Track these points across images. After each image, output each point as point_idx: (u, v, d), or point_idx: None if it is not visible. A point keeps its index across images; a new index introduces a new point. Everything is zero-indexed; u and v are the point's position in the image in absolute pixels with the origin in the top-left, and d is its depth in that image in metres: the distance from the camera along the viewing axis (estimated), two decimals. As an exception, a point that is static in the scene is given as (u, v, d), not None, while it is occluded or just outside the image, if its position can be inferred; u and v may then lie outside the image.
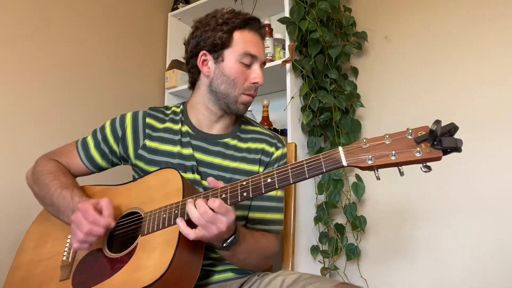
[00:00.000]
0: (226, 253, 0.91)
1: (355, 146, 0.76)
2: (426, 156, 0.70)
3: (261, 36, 1.08)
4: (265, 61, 1.10)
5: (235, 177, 1.05)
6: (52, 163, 1.07)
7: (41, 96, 1.64)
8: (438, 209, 1.56)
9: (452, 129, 0.69)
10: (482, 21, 1.57)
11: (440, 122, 0.69)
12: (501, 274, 1.41)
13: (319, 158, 0.78)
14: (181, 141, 1.06)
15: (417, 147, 0.71)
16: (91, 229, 0.86)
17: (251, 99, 1.08)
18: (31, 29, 1.63)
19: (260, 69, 1.07)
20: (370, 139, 0.75)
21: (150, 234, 0.88)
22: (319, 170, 0.77)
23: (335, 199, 1.63)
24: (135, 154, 1.06)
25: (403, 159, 0.71)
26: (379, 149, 0.73)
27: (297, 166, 0.80)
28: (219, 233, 0.82)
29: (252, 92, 1.07)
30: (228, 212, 0.82)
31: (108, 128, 1.09)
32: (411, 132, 0.73)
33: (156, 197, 0.94)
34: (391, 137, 0.74)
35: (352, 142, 1.66)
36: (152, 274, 0.80)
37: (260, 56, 1.06)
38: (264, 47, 1.10)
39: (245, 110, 1.09)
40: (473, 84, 1.56)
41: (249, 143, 1.11)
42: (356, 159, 0.74)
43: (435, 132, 0.68)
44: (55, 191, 0.98)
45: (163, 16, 2.25)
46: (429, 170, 0.70)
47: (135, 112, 1.10)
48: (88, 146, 1.09)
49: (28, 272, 0.99)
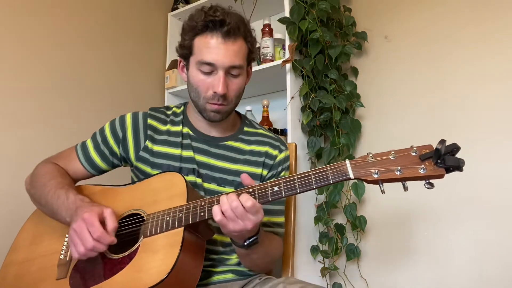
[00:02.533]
0: (243, 251, 0.92)
1: (362, 160, 0.79)
2: (430, 174, 0.74)
3: (226, 37, 0.96)
4: (235, 65, 0.97)
5: (237, 179, 1.04)
6: (50, 165, 1.07)
7: (40, 97, 1.63)
8: (438, 208, 1.56)
9: (455, 149, 0.73)
10: (482, 21, 1.57)
11: (445, 141, 0.72)
12: (502, 276, 1.40)
13: (326, 169, 0.80)
14: (182, 143, 1.06)
15: (421, 164, 0.75)
16: (95, 246, 0.85)
17: (218, 108, 0.99)
18: (31, 29, 1.63)
19: (223, 77, 0.96)
20: (376, 154, 0.78)
21: (153, 236, 0.88)
22: (326, 181, 0.79)
23: (335, 199, 1.63)
24: (136, 156, 1.06)
25: (407, 175, 0.75)
26: (385, 164, 0.77)
27: (304, 177, 0.81)
28: (244, 230, 0.83)
29: (216, 101, 0.98)
30: (258, 212, 0.82)
31: (108, 129, 1.08)
32: (415, 149, 0.77)
33: (159, 199, 0.94)
34: (396, 153, 0.78)
35: (352, 142, 1.67)
36: (155, 276, 0.80)
37: (218, 62, 0.95)
38: (231, 49, 0.96)
39: (218, 117, 1.01)
40: (473, 84, 1.56)
41: (252, 145, 1.10)
42: (363, 172, 0.77)
43: (440, 151, 0.72)
44: (50, 190, 0.97)
45: (163, 16, 2.25)
46: (431, 187, 0.74)
47: (135, 113, 1.09)
48: (87, 149, 1.08)
49: (22, 269, 0.98)
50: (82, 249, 0.85)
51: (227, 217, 0.82)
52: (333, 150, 1.66)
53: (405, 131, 1.68)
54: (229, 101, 1.01)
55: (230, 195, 0.83)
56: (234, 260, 1.04)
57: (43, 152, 1.14)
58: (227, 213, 0.81)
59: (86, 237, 0.85)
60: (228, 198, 0.82)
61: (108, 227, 0.87)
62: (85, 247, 0.85)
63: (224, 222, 0.82)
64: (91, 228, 0.85)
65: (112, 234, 0.87)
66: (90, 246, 0.84)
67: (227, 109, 1.02)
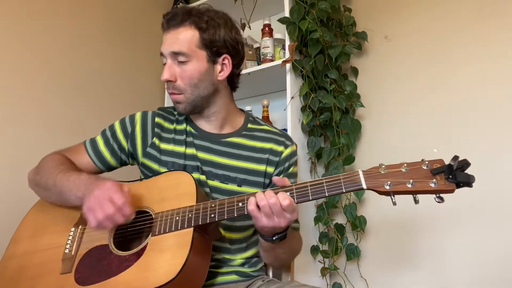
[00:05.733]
0: (268, 245, 0.93)
1: (374, 171, 0.81)
2: (441, 188, 0.76)
3: (169, 27, 1.01)
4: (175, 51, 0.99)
5: (240, 176, 1.04)
6: (58, 155, 1.06)
7: (40, 96, 1.63)
8: (438, 208, 1.55)
9: (465, 165, 0.75)
10: (482, 21, 1.57)
11: (458, 157, 0.74)
12: (503, 278, 1.40)
13: (339, 179, 0.82)
14: (185, 141, 1.06)
15: (433, 178, 0.77)
16: (114, 214, 0.84)
17: (175, 98, 1.03)
18: (31, 29, 1.63)
19: (167, 64, 1.01)
20: (388, 166, 0.80)
21: (161, 235, 0.88)
22: (339, 190, 0.82)
23: (335, 199, 1.63)
24: (143, 152, 1.06)
25: (419, 188, 0.77)
26: (397, 176, 0.79)
27: (316, 184, 0.83)
28: (277, 226, 0.84)
29: (170, 90, 1.03)
30: (294, 211, 0.84)
31: (118, 125, 1.10)
32: (427, 163, 0.78)
33: (167, 198, 0.94)
34: (408, 166, 0.79)
35: (352, 142, 1.67)
36: (163, 276, 0.80)
37: (163, 51, 1.01)
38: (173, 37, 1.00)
39: (181, 108, 1.04)
40: (473, 84, 1.56)
41: (256, 142, 1.09)
42: (375, 183, 0.79)
43: (453, 167, 0.74)
44: (60, 172, 0.96)
45: (163, 16, 2.25)
46: (442, 201, 0.76)
47: (145, 112, 1.11)
48: (96, 143, 1.09)
49: (22, 262, 0.97)
50: (100, 216, 0.83)
51: (264, 212, 0.83)
52: (333, 150, 1.66)
53: (405, 131, 1.68)
54: (182, 90, 1.01)
55: (268, 191, 0.84)
56: (238, 261, 1.04)
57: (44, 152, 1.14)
58: (265, 209, 0.82)
59: (107, 203, 0.84)
60: (266, 194, 0.83)
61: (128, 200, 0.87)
62: (105, 214, 0.83)
63: (258, 216, 0.83)
64: (115, 195, 0.85)
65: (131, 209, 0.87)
66: (111, 212, 0.83)
67: (184, 99, 1.02)
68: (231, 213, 0.87)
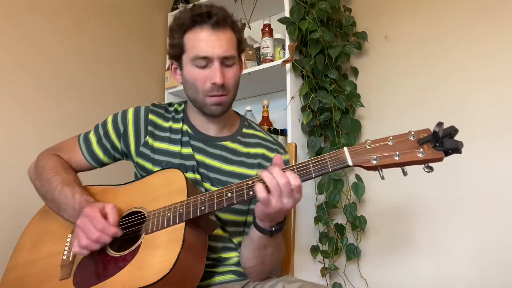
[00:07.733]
0: (262, 242, 0.91)
1: (360, 147, 0.78)
2: (429, 157, 0.73)
3: (215, 28, 0.96)
4: (228, 55, 0.97)
5: (230, 180, 1.03)
6: (54, 158, 1.07)
7: (40, 95, 1.64)
8: (438, 209, 1.56)
9: (453, 131, 0.72)
10: (482, 21, 1.57)
11: (443, 124, 0.71)
12: (501, 273, 1.41)
13: (325, 158, 0.79)
14: (181, 141, 1.06)
15: (420, 148, 0.74)
16: (99, 237, 0.86)
17: (219, 99, 0.99)
18: (31, 29, 1.63)
19: (219, 67, 0.96)
20: (374, 140, 0.77)
21: (154, 232, 0.88)
22: (325, 169, 0.79)
23: (335, 199, 1.63)
24: (137, 151, 1.06)
25: (406, 160, 0.74)
26: (383, 150, 0.76)
27: (303, 166, 0.81)
28: (283, 209, 0.81)
29: (215, 93, 0.98)
30: (300, 191, 0.81)
31: (110, 124, 1.09)
32: (413, 134, 0.76)
33: (160, 196, 0.94)
34: (394, 138, 0.77)
35: (352, 142, 1.66)
36: (156, 272, 0.80)
37: (213, 55, 0.96)
38: (223, 39, 0.97)
39: (220, 110, 1.01)
40: (473, 84, 1.56)
41: (249, 148, 1.09)
42: (361, 159, 0.76)
43: (438, 134, 0.71)
44: (56, 187, 0.98)
45: (163, 16, 2.25)
46: (431, 170, 0.73)
47: (137, 107, 1.10)
48: (90, 142, 1.09)
49: (25, 271, 0.98)
50: (85, 241, 0.86)
51: (272, 192, 0.79)
52: (333, 150, 1.64)
53: (405, 131, 1.67)
54: (228, 91, 1.00)
55: (275, 170, 0.79)
56: (234, 260, 1.04)
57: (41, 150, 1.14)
58: (274, 189, 0.78)
59: (90, 229, 0.86)
60: (274, 173, 0.79)
61: (110, 220, 0.88)
62: (89, 239, 0.86)
63: (267, 200, 0.79)
64: (93, 221, 0.87)
65: (116, 226, 0.88)
66: (95, 237, 0.86)
67: (227, 100, 1.02)
68: (220, 204, 0.86)
